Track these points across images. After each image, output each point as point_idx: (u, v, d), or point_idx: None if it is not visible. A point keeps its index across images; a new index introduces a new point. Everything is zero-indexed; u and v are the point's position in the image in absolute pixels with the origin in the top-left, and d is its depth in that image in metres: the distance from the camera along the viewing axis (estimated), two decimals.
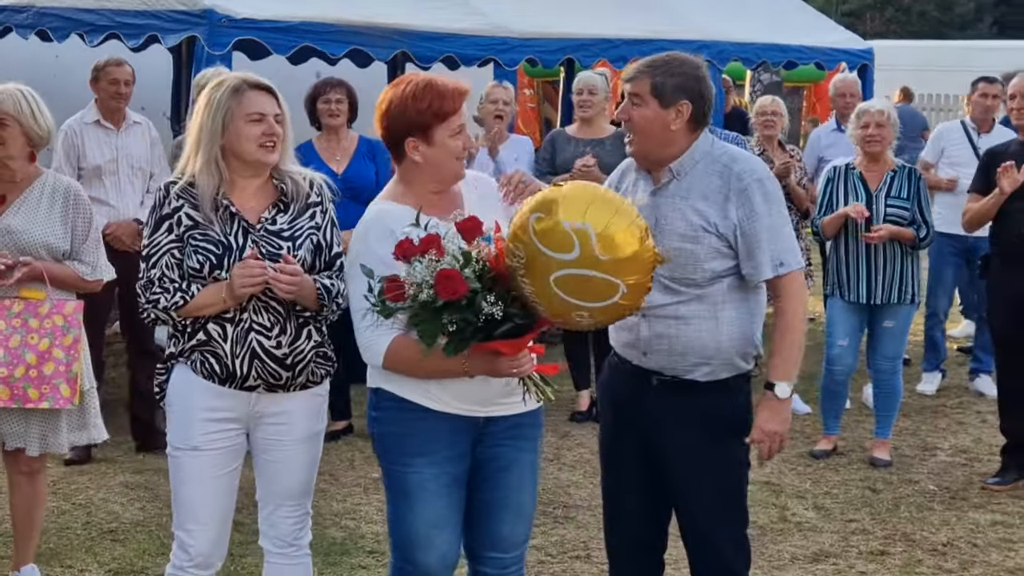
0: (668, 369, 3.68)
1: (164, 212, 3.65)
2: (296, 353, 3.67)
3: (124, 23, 7.35)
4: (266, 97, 3.64)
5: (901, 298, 6.41)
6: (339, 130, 6.73)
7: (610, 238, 3.08)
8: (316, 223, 3.75)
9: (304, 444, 3.80)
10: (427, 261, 3.16)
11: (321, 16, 7.42)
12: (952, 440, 7.05)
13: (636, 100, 3.63)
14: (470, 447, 3.58)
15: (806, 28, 10.88)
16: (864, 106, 6.62)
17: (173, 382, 3.71)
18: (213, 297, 3.59)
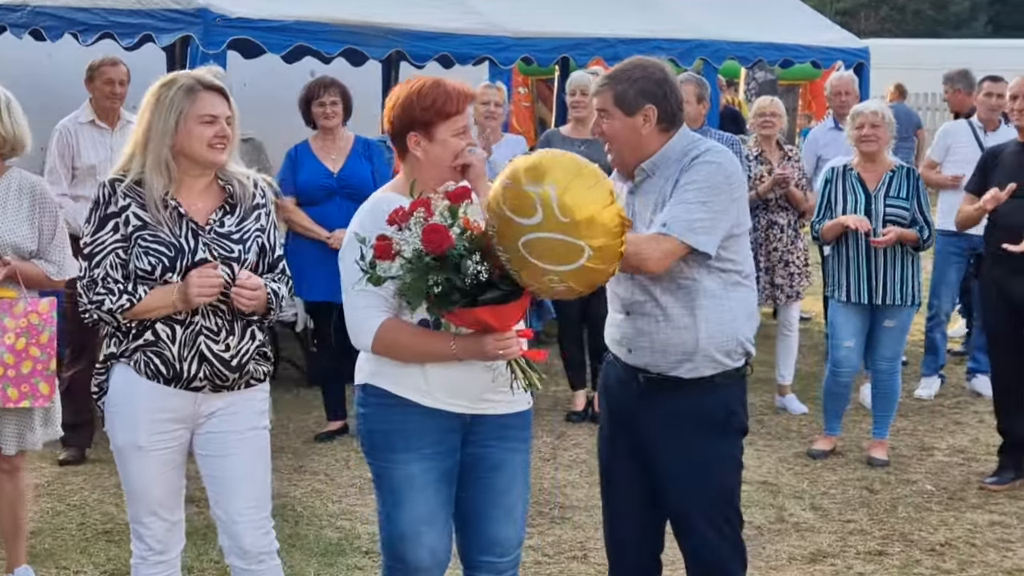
0: (652, 366, 3.71)
1: (110, 210, 3.60)
2: (241, 354, 3.69)
3: (118, 22, 7.33)
4: (218, 98, 3.65)
5: (903, 299, 6.41)
6: (334, 130, 6.72)
7: (570, 200, 3.11)
8: (261, 225, 3.76)
9: (248, 436, 3.77)
10: (415, 219, 3.21)
11: (316, 15, 7.41)
12: (950, 440, 7.06)
13: (603, 114, 3.70)
14: (458, 444, 3.59)
15: (802, 27, 10.89)
16: (859, 107, 6.63)
17: (115, 382, 3.67)
18: (162, 300, 3.58)
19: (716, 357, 3.69)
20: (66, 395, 6.31)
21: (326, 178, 6.69)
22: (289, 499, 5.76)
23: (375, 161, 6.80)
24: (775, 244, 7.50)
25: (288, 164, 6.77)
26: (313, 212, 6.68)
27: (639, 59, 3.77)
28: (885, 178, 6.45)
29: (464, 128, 3.53)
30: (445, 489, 3.59)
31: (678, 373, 3.69)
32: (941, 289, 8.06)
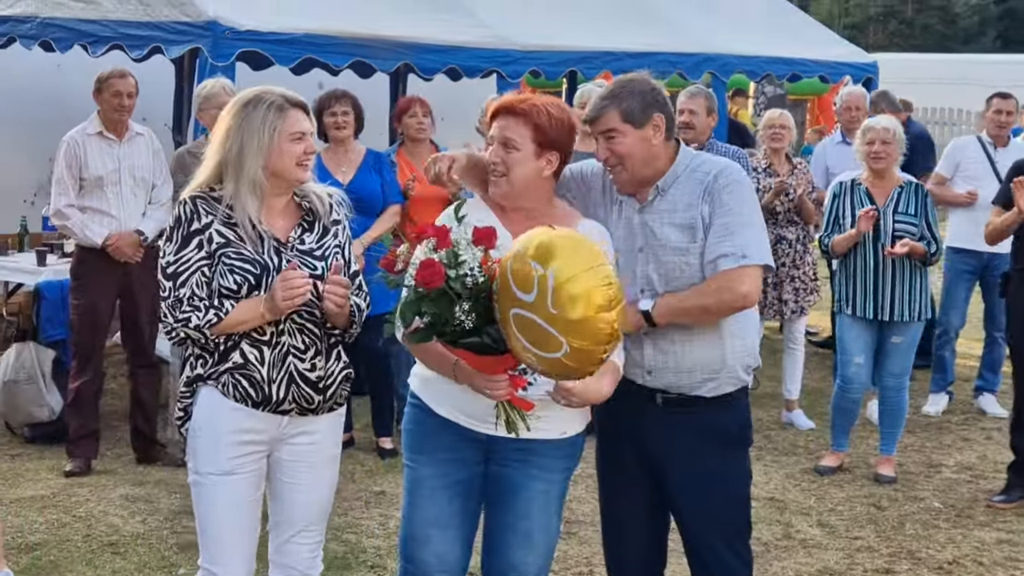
0: (674, 387, 3.66)
1: (193, 228, 3.53)
2: (328, 376, 3.64)
3: (127, 34, 7.35)
4: (304, 115, 3.60)
5: (910, 315, 6.40)
6: (345, 142, 6.73)
7: (565, 295, 3.03)
8: (339, 241, 3.72)
9: (327, 464, 3.75)
10: (427, 246, 3.20)
11: (324, 28, 7.43)
12: (957, 457, 7.04)
13: (612, 134, 3.60)
14: (478, 457, 3.60)
15: (810, 41, 10.90)
16: (870, 122, 6.61)
17: (200, 405, 3.59)
18: (250, 313, 3.50)
19: (738, 374, 3.69)
20: (72, 406, 6.39)
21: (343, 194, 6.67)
22: None
23: (385, 174, 6.81)
24: (783, 259, 7.49)
25: None
26: None
27: (624, 76, 3.73)
28: (894, 194, 6.45)
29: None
30: (459, 499, 3.60)
31: (700, 392, 3.65)
32: (950, 306, 8.04)
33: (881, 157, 6.40)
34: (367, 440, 6.85)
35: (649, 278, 3.61)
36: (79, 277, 6.40)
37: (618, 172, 3.63)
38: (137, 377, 6.60)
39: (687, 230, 3.58)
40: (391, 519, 5.67)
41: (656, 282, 3.60)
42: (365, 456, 6.67)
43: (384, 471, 6.44)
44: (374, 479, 6.31)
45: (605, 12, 9.52)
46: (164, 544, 5.34)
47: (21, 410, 6.79)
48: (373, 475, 6.38)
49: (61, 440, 6.52)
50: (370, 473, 6.42)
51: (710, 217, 3.56)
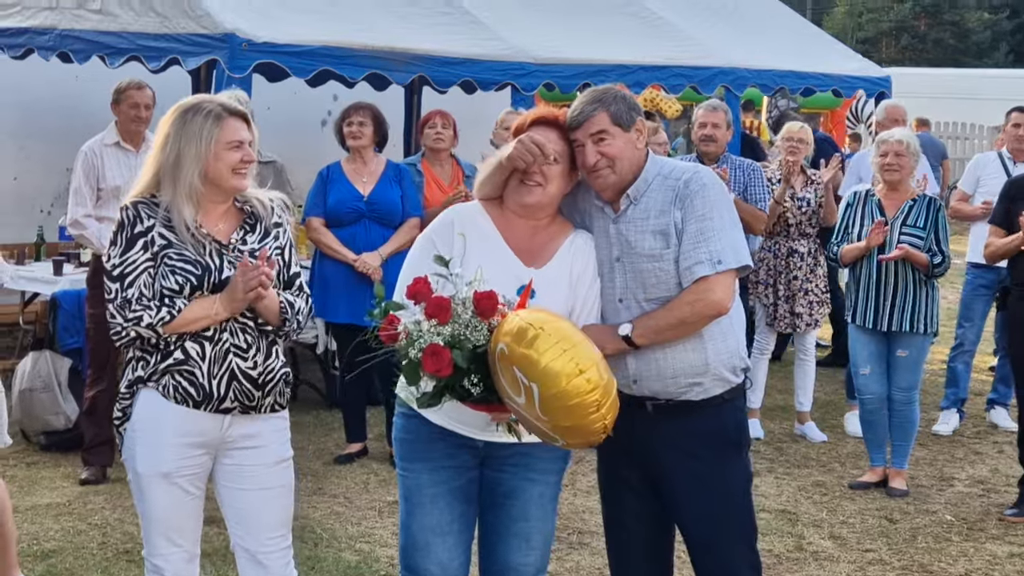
0: (662, 393, 3.66)
1: (137, 230, 3.61)
2: (267, 372, 3.71)
3: (145, 46, 7.41)
4: (242, 124, 3.68)
5: (914, 327, 6.41)
6: (363, 152, 6.77)
7: (552, 405, 3.14)
8: (280, 244, 3.79)
9: (275, 469, 3.78)
10: (430, 325, 3.23)
11: (340, 40, 7.47)
12: (969, 470, 7.04)
13: (603, 135, 3.58)
14: (473, 462, 3.63)
15: (824, 55, 10.90)
16: (885, 135, 6.64)
17: (140, 406, 3.65)
18: (204, 311, 3.59)
19: (724, 375, 3.68)
20: (88, 415, 6.42)
21: (356, 200, 6.73)
22: (308, 521, 5.78)
23: (404, 185, 6.85)
24: (795, 272, 7.49)
25: (319, 184, 6.80)
26: (341, 234, 6.72)
27: (600, 86, 3.75)
28: (905, 206, 6.47)
29: None
30: (458, 506, 3.63)
31: (688, 397, 3.66)
32: (965, 321, 8.04)
33: (895, 169, 6.42)
34: (380, 450, 6.87)
35: (628, 287, 3.62)
36: (96, 286, 6.41)
37: (606, 175, 3.61)
38: None
39: (660, 236, 3.59)
40: None
41: (635, 290, 3.61)
42: (379, 466, 6.69)
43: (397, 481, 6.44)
44: (387, 488, 6.33)
45: (619, 25, 9.55)
46: None
47: (37, 418, 6.83)
48: (386, 484, 6.40)
49: (77, 448, 6.56)
50: (383, 483, 6.44)
51: (682, 222, 3.57)
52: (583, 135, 3.59)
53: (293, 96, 9.38)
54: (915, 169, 6.60)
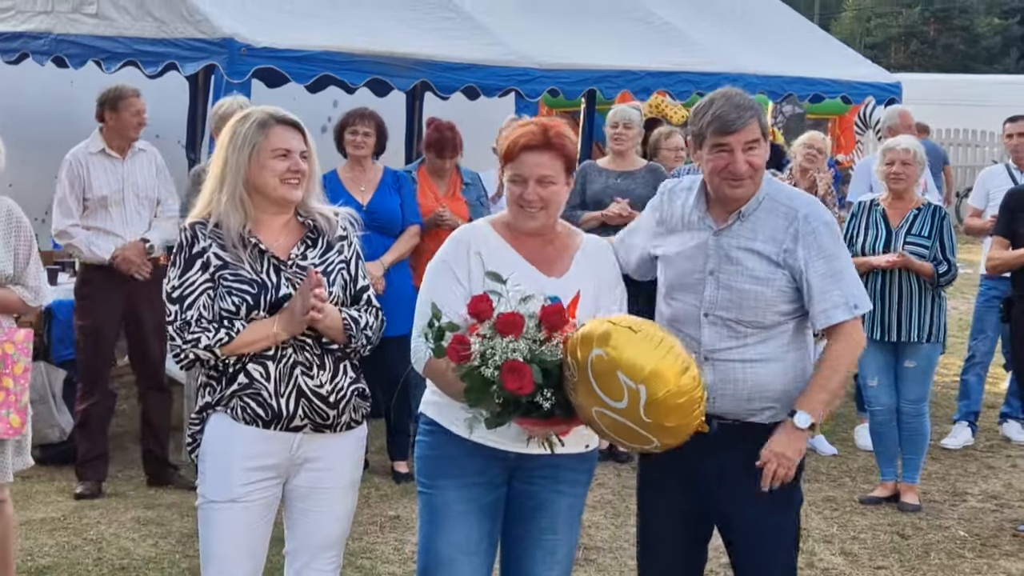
0: (731, 413, 3.65)
1: (195, 251, 3.57)
2: (337, 390, 3.62)
3: (143, 51, 7.41)
4: (292, 132, 3.62)
5: (920, 336, 6.39)
6: (364, 161, 6.77)
7: (659, 406, 3.18)
8: (344, 258, 3.72)
9: (346, 491, 3.74)
10: (505, 343, 3.24)
11: (341, 46, 7.47)
12: (982, 485, 7.01)
13: (753, 145, 3.59)
14: (503, 478, 3.62)
15: (833, 61, 10.91)
16: (891, 143, 6.63)
17: (210, 432, 3.59)
18: (261, 332, 3.52)
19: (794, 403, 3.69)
20: (81, 428, 6.40)
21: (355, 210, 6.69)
22: None
23: (403, 193, 6.84)
24: None
25: None
26: None
27: (731, 89, 3.71)
28: (910, 215, 6.46)
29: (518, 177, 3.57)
30: (487, 523, 3.62)
31: (757, 420, 3.65)
32: (979, 333, 8.02)
33: (901, 178, 6.41)
34: (382, 464, 6.85)
35: (718, 303, 3.61)
36: (83, 297, 6.40)
37: (746, 186, 3.62)
38: (147, 399, 6.61)
39: (767, 261, 3.60)
40: (406, 544, 5.67)
41: (725, 308, 3.61)
42: (380, 480, 6.66)
43: (399, 495, 6.44)
44: (389, 503, 6.31)
45: (625, 31, 9.55)
46: (176, 568, 5.34)
47: (32, 431, 6.78)
48: (388, 499, 6.38)
49: (72, 461, 6.53)
50: (385, 497, 6.42)
51: (805, 262, 3.58)
52: (735, 141, 3.57)
53: (292, 102, 9.27)
54: (921, 178, 6.58)
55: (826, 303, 3.60)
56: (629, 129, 7.37)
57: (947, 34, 42.21)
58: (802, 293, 3.62)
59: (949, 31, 42.25)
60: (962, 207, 8.44)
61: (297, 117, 3.68)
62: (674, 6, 10.17)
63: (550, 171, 3.55)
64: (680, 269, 3.69)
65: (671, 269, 3.72)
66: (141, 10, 7.35)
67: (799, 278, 3.60)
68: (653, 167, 7.44)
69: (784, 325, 3.64)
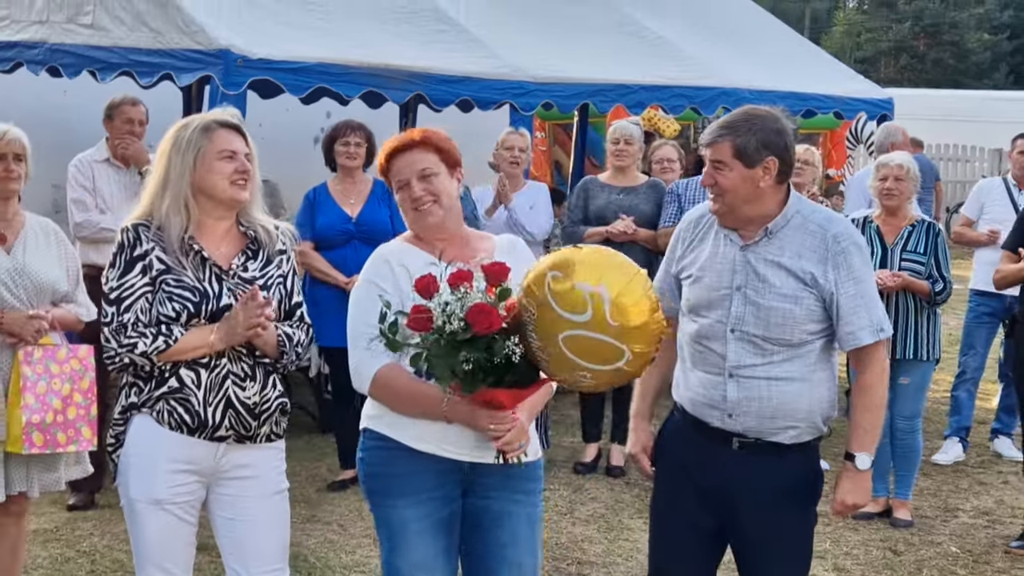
0: (753, 431, 3.66)
1: (135, 253, 3.61)
2: (264, 402, 3.70)
3: (138, 61, 7.41)
4: (236, 135, 3.70)
5: (916, 354, 6.44)
6: (354, 173, 6.80)
7: (622, 305, 3.20)
8: (282, 272, 3.79)
9: (270, 500, 3.78)
10: (461, 293, 3.25)
11: (337, 57, 7.48)
12: (974, 501, 7.06)
13: (719, 166, 3.62)
14: (457, 491, 3.61)
15: (825, 76, 10.97)
16: (884, 159, 6.68)
17: (133, 432, 3.65)
18: (199, 340, 3.59)
19: (817, 423, 3.71)
20: None
21: (344, 222, 6.75)
22: (301, 550, 5.76)
23: (393, 205, 6.82)
24: None
25: (306, 207, 6.83)
26: (331, 256, 6.74)
27: (755, 108, 3.74)
28: (904, 232, 6.50)
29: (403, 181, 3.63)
30: (443, 537, 3.61)
31: (779, 439, 3.66)
32: (970, 349, 8.07)
33: (894, 194, 6.46)
34: None
35: (744, 319, 3.63)
36: None
37: (717, 202, 3.67)
38: None
39: (795, 279, 3.61)
40: None
41: (752, 324, 3.62)
42: None
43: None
44: None
45: (619, 45, 9.59)
46: None
47: None
48: None
49: None
50: None
51: (836, 283, 3.60)
52: (708, 156, 3.66)
53: (285, 113, 9.38)
54: (915, 194, 6.63)
55: (853, 325, 3.62)
56: (630, 145, 7.42)
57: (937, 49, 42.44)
58: (830, 314, 3.64)
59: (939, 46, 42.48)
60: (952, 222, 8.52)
61: (238, 120, 3.75)
62: (667, 20, 10.22)
63: (426, 163, 3.62)
64: (706, 284, 3.70)
65: (697, 285, 3.74)
66: (137, 21, 7.36)
67: (829, 299, 3.61)
68: (654, 183, 7.48)
69: (811, 344, 3.65)
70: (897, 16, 43.43)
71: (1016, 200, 7.94)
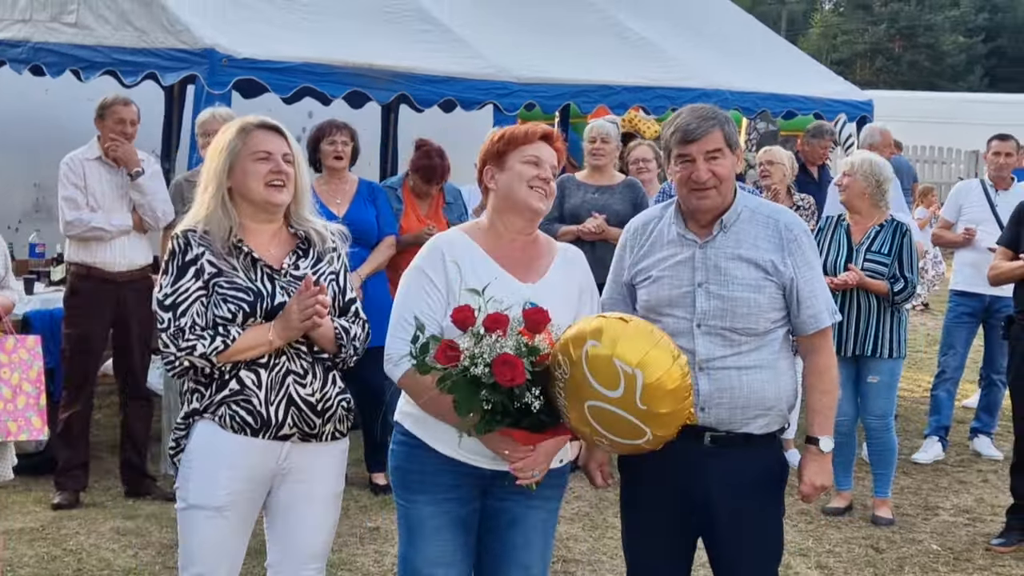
0: (724, 423, 3.71)
1: (187, 258, 3.59)
2: (326, 399, 3.68)
3: (122, 60, 7.41)
4: (274, 136, 3.67)
5: (879, 351, 6.49)
6: (341, 173, 6.82)
7: (655, 391, 3.22)
8: (334, 269, 3.77)
9: (329, 502, 3.78)
10: (493, 339, 3.28)
11: (321, 57, 7.50)
12: (954, 499, 7.13)
13: (717, 154, 3.67)
14: (476, 493, 3.66)
15: (806, 78, 11.05)
16: (847, 159, 6.77)
17: (196, 438, 3.62)
18: (257, 339, 3.56)
19: (783, 411, 3.78)
20: (62, 437, 6.40)
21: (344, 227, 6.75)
22: None
23: (379, 205, 6.89)
24: None
25: None
26: None
27: (704, 105, 3.83)
28: (871, 232, 6.57)
29: (536, 158, 3.62)
30: (462, 535, 3.66)
31: (750, 429, 3.72)
32: (949, 348, 8.12)
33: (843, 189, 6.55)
34: (360, 475, 6.87)
35: (710, 313, 3.68)
36: (73, 307, 6.42)
37: (712, 196, 3.69)
38: (129, 409, 6.61)
39: (757, 268, 3.69)
40: (386, 556, 5.71)
41: (719, 318, 3.67)
42: (358, 492, 6.69)
43: (378, 507, 6.48)
44: (368, 515, 6.35)
45: (602, 46, 9.64)
46: None
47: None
48: (367, 511, 6.42)
49: (47, 471, 6.53)
50: (364, 509, 6.46)
51: (795, 270, 3.70)
52: (697, 151, 3.66)
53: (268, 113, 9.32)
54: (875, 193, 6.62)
55: (815, 308, 3.73)
56: (607, 143, 7.48)
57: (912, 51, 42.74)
58: (788, 301, 3.73)
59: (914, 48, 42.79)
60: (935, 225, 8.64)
61: (279, 123, 3.74)
62: (650, 22, 10.28)
63: (554, 163, 3.66)
64: (667, 285, 3.74)
65: (656, 286, 3.76)
66: (121, 20, 7.36)
67: (789, 285, 3.70)
68: (631, 182, 7.53)
69: (774, 333, 3.73)
70: (873, 18, 43.70)
71: (994, 201, 8.02)
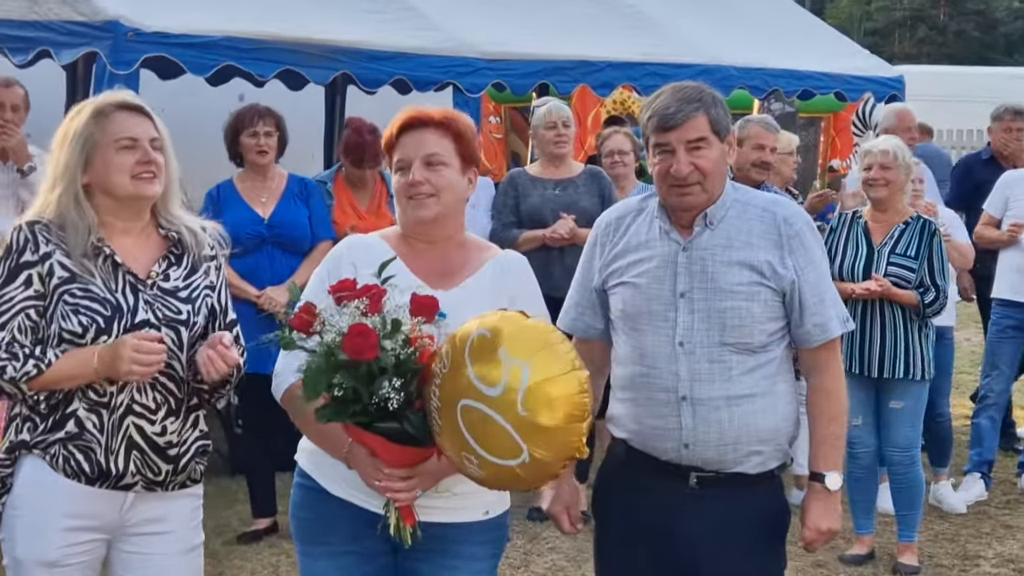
0: (713, 462, 3.64)
1: (24, 260, 3.49)
2: (181, 443, 3.62)
3: (9, 35, 7.34)
4: (138, 118, 3.58)
5: (905, 372, 6.45)
6: (266, 168, 6.76)
7: (539, 395, 3.07)
8: (211, 282, 3.71)
9: (183, 559, 3.72)
10: (353, 307, 3.19)
11: (247, 31, 7.43)
12: (998, 547, 7.08)
13: (700, 144, 3.60)
14: (382, 547, 3.53)
15: (824, 52, 11.02)
16: (868, 146, 6.70)
17: (23, 477, 3.55)
18: (80, 367, 3.46)
19: (783, 445, 3.72)
20: None
21: (255, 224, 6.71)
22: None
23: (312, 204, 6.83)
24: None
25: (209, 207, 6.75)
26: (240, 265, 6.65)
27: (689, 83, 3.75)
28: (895, 231, 6.52)
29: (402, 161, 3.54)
30: None
31: (743, 469, 3.65)
32: (992, 368, 8.07)
33: (880, 184, 6.48)
34: None
35: (696, 328, 3.61)
36: None
37: (694, 193, 3.63)
38: None
39: (750, 270, 3.62)
40: None
41: (706, 332, 3.60)
42: (290, 545, 6.52)
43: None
44: None
45: (584, 16, 9.59)
46: None
47: None
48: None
49: None
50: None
51: (796, 270, 3.62)
52: (676, 139, 3.59)
53: (191, 97, 9.30)
54: (906, 184, 6.61)
55: (823, 316, 3.65)
56: (568, 128, 7.35)
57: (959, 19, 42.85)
58: (787, 307, 3.65)
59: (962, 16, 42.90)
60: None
61: (142, 101, 3.63)
62: None
63: (438, 149, 3.53)
64: (643, 293, 3.68)
65: (630, 292, 3.70)
66: None
67: (789, 289, 3.62)
68: (594, 171, 7.42)
69: (771, 350, 3.65)
70: None
71: None
